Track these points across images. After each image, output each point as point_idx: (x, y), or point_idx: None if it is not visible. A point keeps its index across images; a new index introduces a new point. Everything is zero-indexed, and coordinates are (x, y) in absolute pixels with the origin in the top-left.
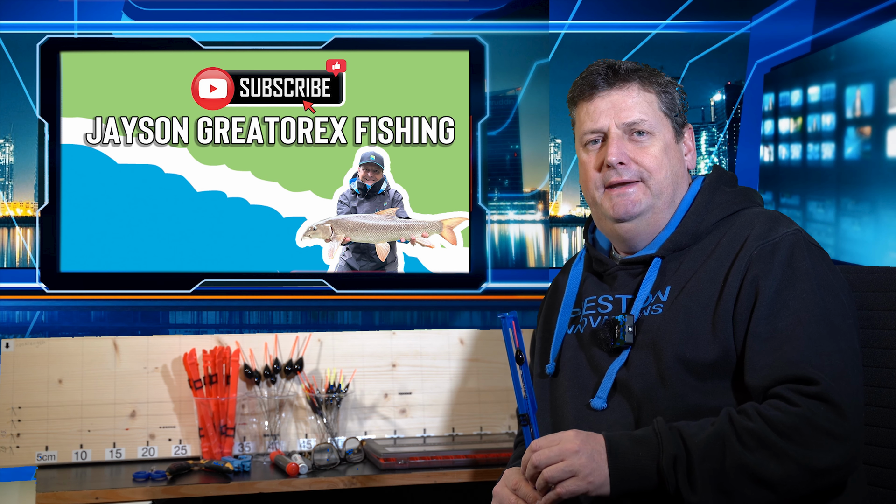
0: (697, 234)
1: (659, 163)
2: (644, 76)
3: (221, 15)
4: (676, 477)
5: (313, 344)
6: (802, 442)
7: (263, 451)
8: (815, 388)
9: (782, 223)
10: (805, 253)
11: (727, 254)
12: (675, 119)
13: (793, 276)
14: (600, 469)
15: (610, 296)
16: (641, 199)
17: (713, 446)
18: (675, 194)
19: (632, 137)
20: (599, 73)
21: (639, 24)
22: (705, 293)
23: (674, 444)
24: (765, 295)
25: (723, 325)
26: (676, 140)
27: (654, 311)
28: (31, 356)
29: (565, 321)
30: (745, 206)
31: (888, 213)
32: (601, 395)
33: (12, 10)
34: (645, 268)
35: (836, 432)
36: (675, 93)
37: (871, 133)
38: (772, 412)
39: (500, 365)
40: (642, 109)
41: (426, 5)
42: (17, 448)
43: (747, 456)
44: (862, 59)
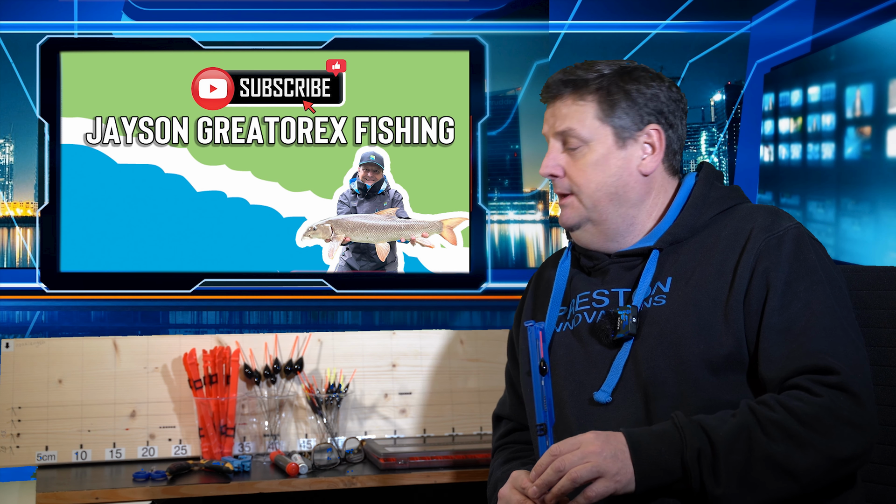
0: (695, 228)
1: (587, 177)
2: (582, 84)
3: (221, 15)
4: (701, 470)
5: (313, 344)
6: (825, 431)
7: (263, 451)
8: (835, 377)
9: (783, 216)
10: (809, 246)
11: (733, 246)
12: (620, 124)
13: (800, 268)
14: (626, 468)
15: (605, 290)
16: (573, 213)
17: (738, 438)
18: (634, 198)
19: (567, 148)
20: (554, 79)
21: (639, 24)
22: (714, 285)
23: (697, 438)
24: (776, 287)
25: (735, 316)
26: (620, 146)
27: (658, 303)
28: (31, 356)
29: (553, 320)
30: (739, 202)
31: (888, 213)
32: (606, 388)
33: (12, 10)
34: (642, 260)
35: (857, 421)
36: (636, 94)
37: (871, 133)
38: (794, 402)
39: (500, 365)
40: (575, 119)
41: (426, 5)
42: (17, 448)
43: (773, 446)
44: (862, 59)
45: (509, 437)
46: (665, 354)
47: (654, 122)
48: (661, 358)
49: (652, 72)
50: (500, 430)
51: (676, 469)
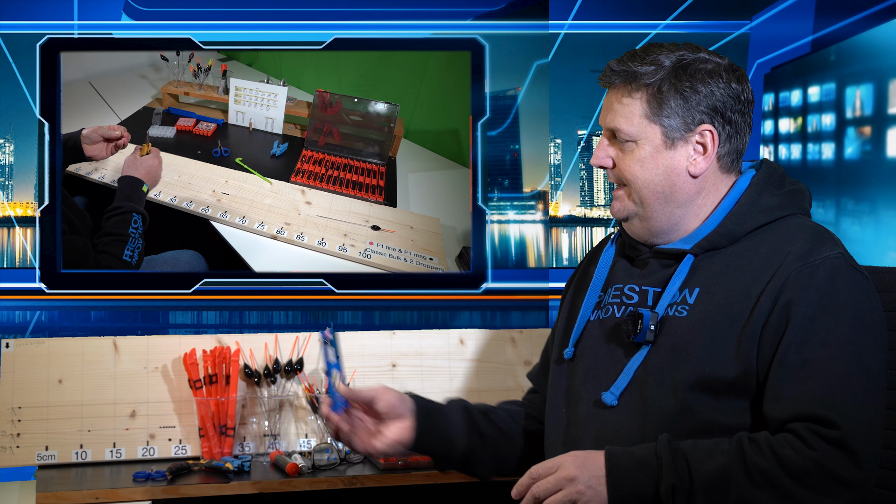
0: (735, 237)
1: (634, 173)
2: (633, 77)
3: (221, 15)
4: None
5: (313, 344)
6: (813, 486)
7: (263, 451)
8: (834, 433)
9: (826, 244)
10: (845, 281)
11: (764, 270)
12: (669, 123)
13: (829, 304)
14: (599, 495)
15: (636, 286)
16: (624, 205)
17: (719, 480)
18: (682, 199)
19: (616, 141)
20: (610, 64)
21: (639, 24)
22: (735, 308)
23: (674, 472)
24: (797, 322)
25: (748, 345)
26: (669, 146)
27: (679, 314)
28: (31, 356)
29: (591, 305)
30: (790, 213)
31: (888, 213)
32: (614, 391)
33: (12, 10)
34: (676, 262)
35: (850, 480)
36: (689, 92)
37: (871, 133)
38: (786, 451)
39: (500, 365)
40: (622, 115)
41: (426, 5)
42: (17, 448)
43: (755, 494)
44: (862, 59)
45: (526, 398)
46: (671, 370)
47: (708, 122)
48: (667, 373)
49: (712, 63)
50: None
51: (650, 499)
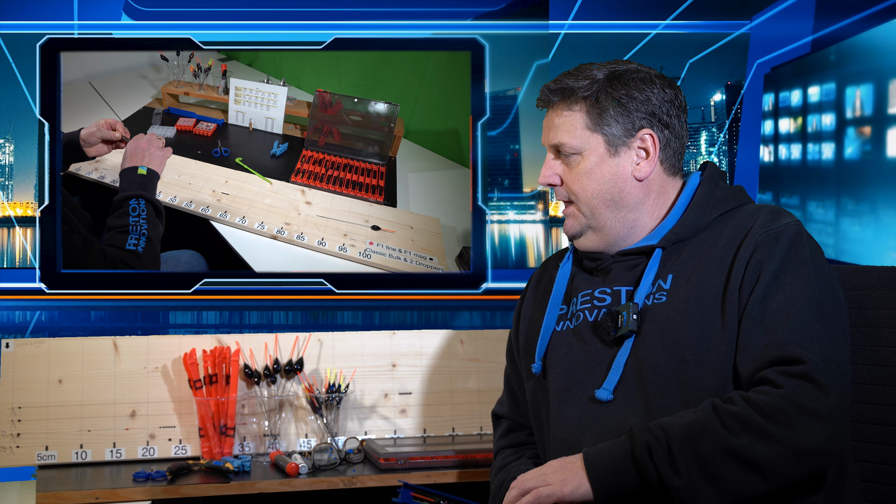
0: (699, 227)
1: (582, 185)
2: (570, 92)
3: (221, 15)
4: (655, 465)
5: (313, 344)
6: (787, 422)
7: (263, 451)
8: (800, 367)
9: (784, 214)
10: (805, 243)
11: (732, 242)
12: (611, 132)
13: (792, 262)
14: (575, 473)
15: (607, 288)
16: (574, 222)
17: (695, 432)
18: (631, 203)
19: (562, 157)
20: (545, 87)
21: (639, 24)
22: (714, 282)
23: (647, 433)
24: (763, 279)
25: (731, 311)
26: (612, 154)
27: (658, 300)
28: (31, 356)
29: (553, 319)
30: (743, 203)
31: (888, 213)
32: (608, 386)
33: (12, 10)
34: (645, 259)
35: (821, 412)
36: (626, 100)
37: (871, 133)
38: (757, 396)
39: (500, 365)
40: (565, 129)
41: (426, 5)
42: (17, 448)
43: (732, 440)
44: (862, 59)
45: (508, 438)
46: (666, 352)
47: (647, 127)
48: (663, 356)
49: (644, 72)
50: (500, 429)
51: (630, 469)
